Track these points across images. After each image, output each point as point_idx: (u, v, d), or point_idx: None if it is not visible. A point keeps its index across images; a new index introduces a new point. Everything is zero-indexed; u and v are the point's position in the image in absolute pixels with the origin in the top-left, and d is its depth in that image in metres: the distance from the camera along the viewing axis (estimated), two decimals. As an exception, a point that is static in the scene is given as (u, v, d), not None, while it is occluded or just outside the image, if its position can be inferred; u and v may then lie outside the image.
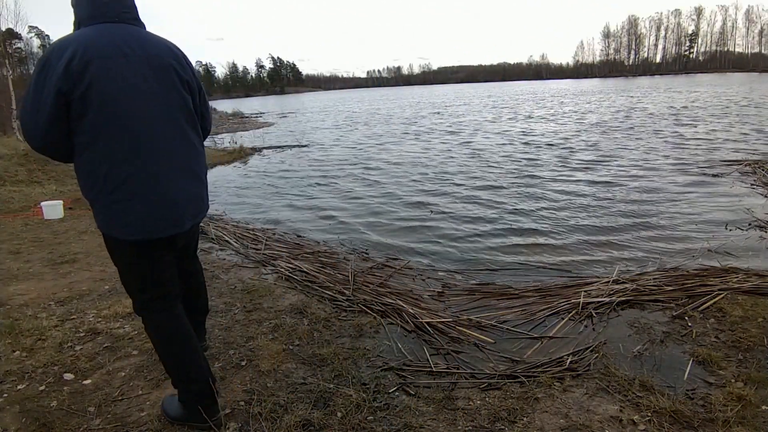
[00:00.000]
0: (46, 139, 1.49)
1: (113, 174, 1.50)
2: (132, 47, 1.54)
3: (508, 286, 3.17)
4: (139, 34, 1.59)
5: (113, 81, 1.48)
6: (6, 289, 3.10)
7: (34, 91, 1.45)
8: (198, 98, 1.76)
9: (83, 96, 1.44)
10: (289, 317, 2.65)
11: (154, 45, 1.60)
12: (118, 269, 1.69)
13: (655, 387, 1.90)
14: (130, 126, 1.51)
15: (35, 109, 1.46)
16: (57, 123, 1.47)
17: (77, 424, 1.77)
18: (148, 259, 1.64)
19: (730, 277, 2.94)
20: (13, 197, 6.27)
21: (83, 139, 1.49)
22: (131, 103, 1.51)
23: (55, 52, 1.45)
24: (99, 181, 1.52)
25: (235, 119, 24.07)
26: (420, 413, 1.82)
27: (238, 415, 1.82)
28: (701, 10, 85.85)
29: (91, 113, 1.46)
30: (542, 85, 57.15)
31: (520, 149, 9.42)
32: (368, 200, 6.09)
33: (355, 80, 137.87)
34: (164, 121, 1.59)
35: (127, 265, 1.66)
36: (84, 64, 1.43)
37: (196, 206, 1.71)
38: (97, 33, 1.51)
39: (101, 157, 1.50)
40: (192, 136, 1.71)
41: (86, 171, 1.53)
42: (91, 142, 1.49)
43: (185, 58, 1.71)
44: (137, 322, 2.59)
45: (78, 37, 1.49)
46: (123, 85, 1.50)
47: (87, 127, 1.47)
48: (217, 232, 4.52)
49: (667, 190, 5.61)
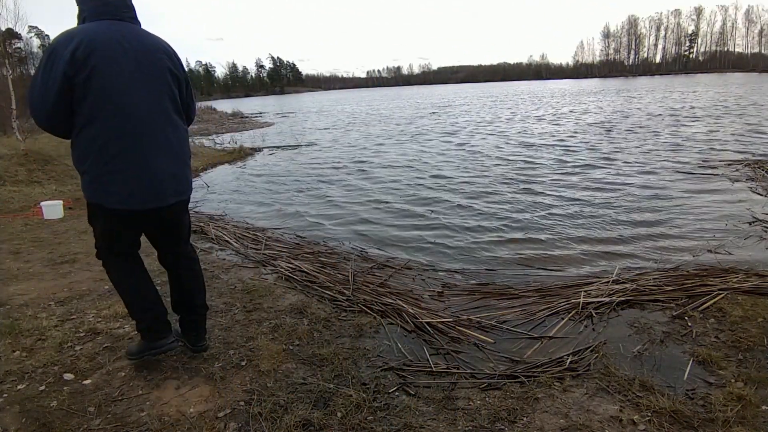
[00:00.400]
0: (51, 117, 1.72)
1: (105, 150, 1.73)
2: (130, 42, 1.76)
3: (508, 286, 3.17)
4: (137, 31, 1.81)
5: (112, 70, 1.70)
6: (6, 289, 3.10)
7: (43, 74, 1.66)
8: (185, 90, 1.98)
9: (85, 81, 1.66)
10: (289, 317, 2.65)
11: (149, 41, 1.83)
12: (94, 232, 1.95)
13: (655, 387, 1.91)
14: (123, 109, 1.74)
15: (43, 90, 1.67)
16: (62, 103, 1.69)
17: (77, 424, 1.77)
18: (123, 227, 1.89)
19: (730, 277, 2.94)
20: (13, 197, 6.27)
21: (82, 118, 1.71)
22: (126, 90, 1.74)
23: (62, 42, 1.67)
24: (92, 155, 1.74)
25: (235, 119, 24.06)
26: (420, 413, 1.82)
27: (238, 415, 1.82)
28: (701, 10, 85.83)
29: (91, 96, 1.69)
30: (542, 85, 57.16)
31: (519, 150, 9.42)
32: (368, 200, 6.09)
33: (354, 80, 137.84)
34: (154, 107, 1.81)
35: (106, 230, 1.91)
36: (87, 53, 1.65)
37: (179, 184, 1.91)
38: (100, 28, 1.72)
39: (96, 134, 1.72)
40: (178, 122, 1.93)
41: (82, 146, 1.76)
42: (89, 121, 1.71)
43: (175, 54, 1.94)
44: (137, 322, 2.60)
45: (83, 30, 1.70)
46: (120, 74, 1.72)
47: (86, 108, 1.70)
48: (217, 232, 4.52)
49: (667, 190, 5.61)
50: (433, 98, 37.26)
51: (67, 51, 1.63)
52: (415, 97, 41.31)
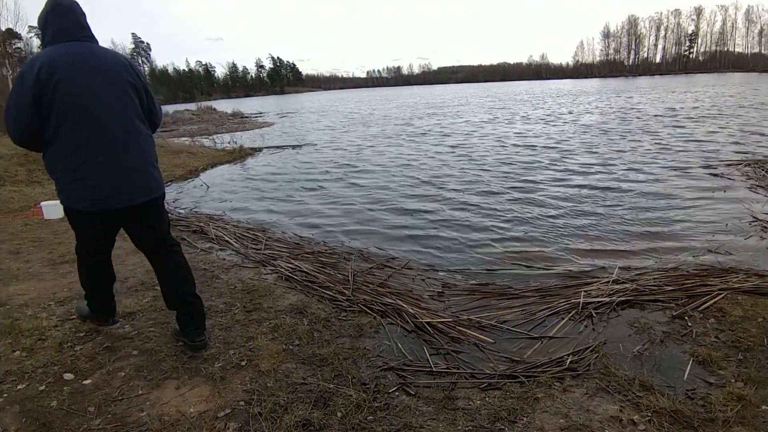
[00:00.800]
0: (24, 134, 1.94)
1: (73, 158, 1.92)
2: (87, 59, 1.96)
3: (508, 286, 3.17)
4: (94, 48, 2.01)
5: (73, 86, 1.89)
6: (6, 289, 3.10)
7: (15, 97, 1.88)
8: (145, 97, 2.15)
9: (50, 98, 1.86)
10: (289, 317, 2.66)
11: (106, 57, 2.03)
12: (76, 235, 2.15)
13: (655, 387, 1.91)
14: (87, 120, 1.92)
15: (17, 111, 1.88)
16: (33, 122, 1.89)
17: (77, 424, 1.77)
18: (98, 227, 2.08)
19: (730, 277, 2.94)
20: (13, 197, 6.27)
21: (50, 131, 1.91)
22: (88, 103, 1.92)
23: (28, 66, 1.89)
24: (61, 164, 1.94)
25: (234, 119, 24.03)
26: (420, 413, 1.82)
27: (238, 415, 1.82)
28: (701, 10, 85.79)
29: (56, 110, 1.88)
30: (542, 85, 57.14)
31: (519, 150, 9.42)
32: (368, 200, 6.09)
33: (354, 80, 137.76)
34: (115, 116, 1.99)
35: (85, 235, 2.13)
36: (50, 73, 1.85)
37: (147, 185, 2.08)
38: (59, 49, 1.92)
39: (64, 144, 1.92)
40: (141, 128, 2.10)
41: (52, 156, 1.95)
42: (56, 133, 1.91)
43: (132, 65, 2.13)
44: (137, 322, 2.60)
45: (44, 54, 1.91)
46: (81, 89, 1.91)
47: (53, 121, 1.89)
48: (217, 232, 4.52)
49: (667, 190, 5.60)
50: (432, 98, 37.25)
51: (33, 73, 1.84)
52: (414, 98, 41.30)
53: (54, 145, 1.93)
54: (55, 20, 1.96)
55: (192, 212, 5.67)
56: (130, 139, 2.02)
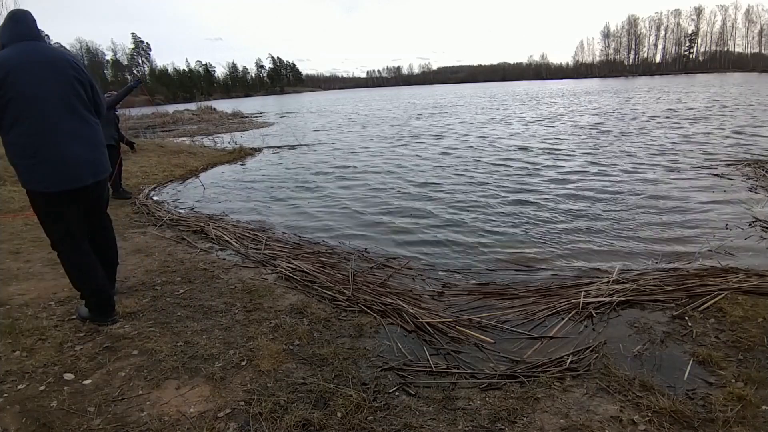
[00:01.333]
0: None
1: (28, 146, 2.21)
2: (37, 57, 2.22)
3: (508, 286, 3.17)
4: (43, 47, 2.28)
5: (25, 81, 2.16)
6: (6, 289, 3.10)
7: None
8: (90, 91, 2.41)
9: (5, 94, 2.13)
10: (289, 317, 2.66)
11: (54, 54, 2.29)
12: (39, 219, 2.40)
13: (655, 387, 1.91)
14: (38, 112, 2.19)
15: None
16: None
17: (77, 424, 1.77)
18: (59, 207, 2.33)
19: (730, 277, 2.94)
20: (13, 197, 6.26)
21: (7, 123, 2.19)
22: (38, 96, 2.19)
23: None
24: (18, 151, 2.22)
25: (234, 119, 24.02)
26: (420, 413, 1.82)
27: (238, 415, 1.82)
28: (701, 10, 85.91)
29: (12, 105, 2.15)
30: (542, 85, 57.16)
31: (518, 150, 9.42)
32: (368, 200, 6.09)
33: (354, 80, 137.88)
34: (63, 107, 2.26)
35: (44, 213, 2.37)
36: (5, 73, 2.13)
37: (94, 167, 2.40)
38: (13, 50, 2.20)
39: (19, 133, 2.19)
40: (88, 116, 2.39)
41: (10, 146, 2.23)
42: (12, 125, 2.19)
43: (77, 62, 2.40)
44: (137, 322, 2.60)
45: (1, 54, 2.19)
46: (32, 84, 2.17)
47: (9, 115, 2.17)
48: (217, 232, 4.52)
49: (667, 191, 5.60)
50: (432, 98, 37.26)
51: None
52: (414, 98, 41.30)
53: (11, 136, 2.19)
54: (11, 26, 2.25)
55: (192, 212, 5.67)
56: (78, 128, 2.31)
